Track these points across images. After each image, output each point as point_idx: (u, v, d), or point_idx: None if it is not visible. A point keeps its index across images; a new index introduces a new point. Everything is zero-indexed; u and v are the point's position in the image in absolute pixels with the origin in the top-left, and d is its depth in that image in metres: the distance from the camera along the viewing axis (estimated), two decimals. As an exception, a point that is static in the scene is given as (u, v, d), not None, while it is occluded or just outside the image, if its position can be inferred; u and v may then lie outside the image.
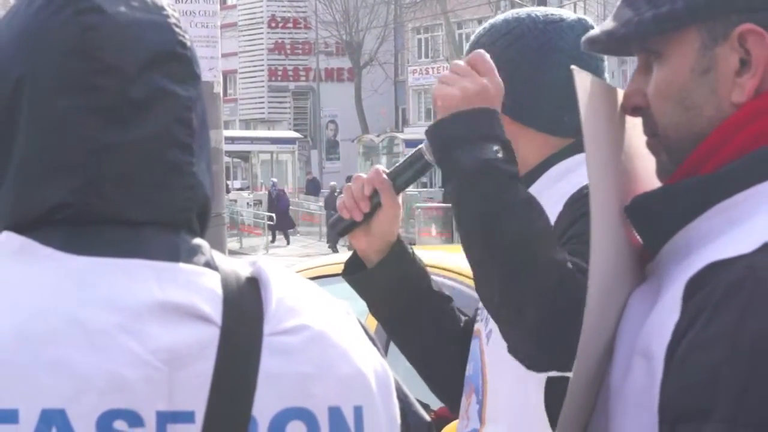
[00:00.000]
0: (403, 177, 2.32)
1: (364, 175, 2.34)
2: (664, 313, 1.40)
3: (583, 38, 1.63)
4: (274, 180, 37.59)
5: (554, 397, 2.07)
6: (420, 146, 2.34)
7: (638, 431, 1.41)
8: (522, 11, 2.31)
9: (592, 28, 2.22)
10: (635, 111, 1.57)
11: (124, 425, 1.18)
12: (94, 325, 1.19)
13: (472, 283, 2.37)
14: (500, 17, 2.31)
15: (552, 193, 2.17)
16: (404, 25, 52.36)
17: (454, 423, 2.51)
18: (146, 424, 1.19)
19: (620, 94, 1.61)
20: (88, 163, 1.24)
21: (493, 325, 2.16)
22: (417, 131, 42.81)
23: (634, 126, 1.59)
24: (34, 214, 1.25)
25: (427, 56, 53.11)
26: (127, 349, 1.19)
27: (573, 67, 1.56)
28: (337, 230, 2.36)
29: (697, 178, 1.48)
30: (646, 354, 1.41)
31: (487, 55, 2.09)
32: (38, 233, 1.24)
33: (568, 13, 2.30)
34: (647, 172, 1.59)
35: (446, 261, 3.65)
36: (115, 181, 1.25)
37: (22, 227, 1.25)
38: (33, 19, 1.27)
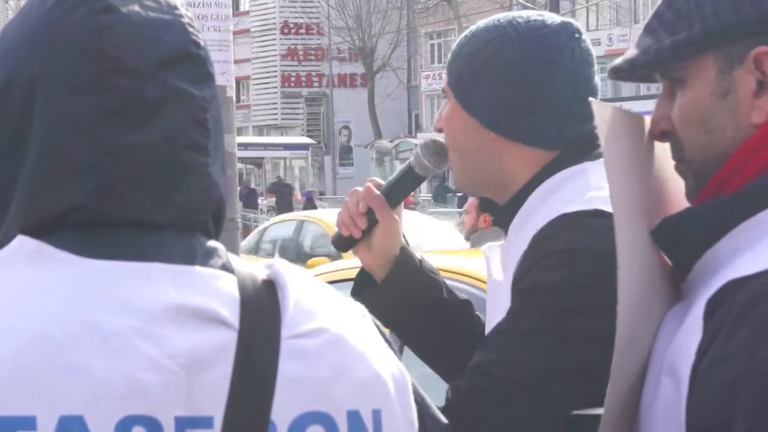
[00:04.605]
0: (395, 191, 2.29)
1: (360, 189, 2.28)
2: (689, 333, 1.44)
3: (609, 67, 1.64)
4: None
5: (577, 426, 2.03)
6: (410, 159, 2.31)
7: None
8: (503, 17, 2.17)
9: (578, 31, 2.12)
10: (663, 136, 1.60)
11: None
12: (110, 329, 1.18)
13: (486, 287, 2.34)
14: (482, 23, 2.18)
15: (536, 217, 2.06)
16: (417, 30, 52.39)
17: None
18: (165, 430, 1.17)
19: (647, 120, 1.64)
20: (103, 165, 1.23)
21: None
22: (430, 136, 42.73)
23: (665, 151, 1.62)
24: (49, 217, 1.24)
25: (440, 61, 53.05)
26: (145, 354, 1.18)
27: (591, 99, 1.59)
28: (338, 247, 2.33)
29: (721, 197, 1.50)
30: (672, 373, 1.44)
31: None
32: (53, 237, 1.23)
33: (552, 17, 2.16)
34: (680, 196, 1.61)
35: (462, 265, 3.63)
36: (129, 183, 1.24)
37: (36, 231, 1.23)
38: (46, 18, 1.26)
